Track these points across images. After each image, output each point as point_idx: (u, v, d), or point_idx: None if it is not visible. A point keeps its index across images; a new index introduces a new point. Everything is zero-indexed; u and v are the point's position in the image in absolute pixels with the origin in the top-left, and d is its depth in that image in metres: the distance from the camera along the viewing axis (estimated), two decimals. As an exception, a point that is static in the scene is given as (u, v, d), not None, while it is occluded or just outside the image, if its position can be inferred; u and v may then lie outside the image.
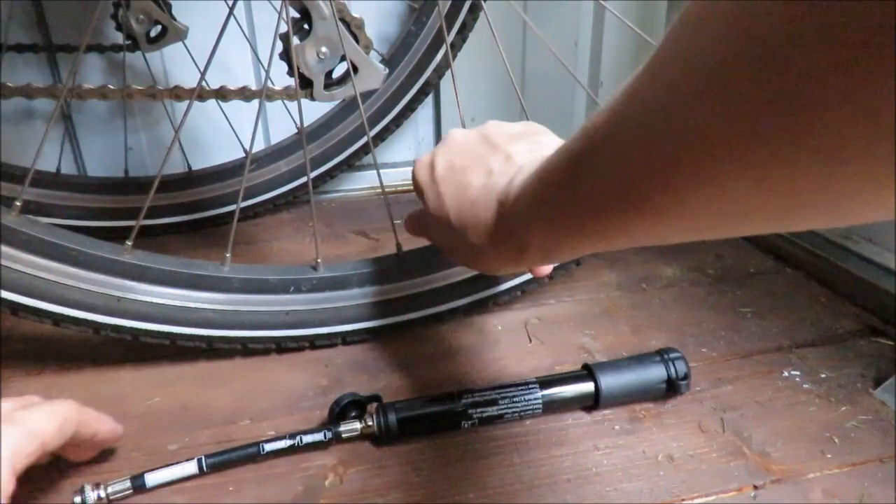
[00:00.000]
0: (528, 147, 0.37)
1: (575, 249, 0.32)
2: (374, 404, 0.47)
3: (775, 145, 0.16)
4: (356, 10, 0.51)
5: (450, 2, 0.76)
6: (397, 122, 0.85)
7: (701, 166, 0.19)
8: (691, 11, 0.18)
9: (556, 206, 0.29)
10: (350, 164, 0.87)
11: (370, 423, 0.46)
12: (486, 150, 0.38)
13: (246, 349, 0.56)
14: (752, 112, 0.16)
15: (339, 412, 0.46)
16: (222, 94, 0.56)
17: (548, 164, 0.30)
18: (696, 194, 0.20)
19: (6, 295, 0.47)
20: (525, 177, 0.33)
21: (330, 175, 0.87)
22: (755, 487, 0.43)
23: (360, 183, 0.97)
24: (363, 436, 0.46)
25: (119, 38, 0.76)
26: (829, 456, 0.45)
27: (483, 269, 0.40)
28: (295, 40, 0.51)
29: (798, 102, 0.15)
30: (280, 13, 0.49)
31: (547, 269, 0.44)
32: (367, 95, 0.82)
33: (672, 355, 0.50)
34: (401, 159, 1.00)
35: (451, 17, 0.77)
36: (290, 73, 0.52)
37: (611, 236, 0.27)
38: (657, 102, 0.20)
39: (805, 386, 0.52)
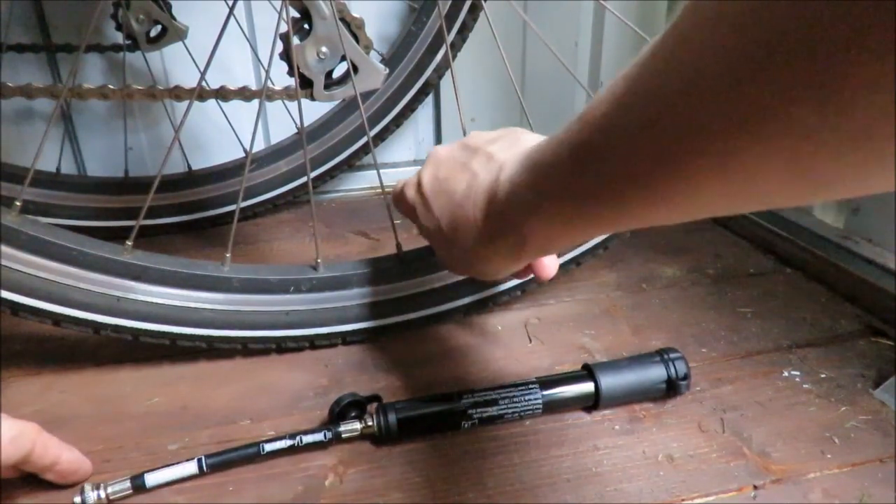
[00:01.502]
0: (507, 144, 0.37)
1: (580, 237, 0.32)
2: (374, 404, 0.47)
3: (809, 127, 0.16)
4: (356, 10, 0.51)
5: (450, 2, 0.76)
6: (397, 122, 0.85)
7: (729, 150, 0.19)
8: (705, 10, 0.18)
9: (560, 196, 0.29)
10: (350, 164, 0.87)
11: (370, 423, 0.46)
12: (466, 156, 0.38)
13: (246, 349, 0.56)
14: (788, 96, 0.16)
15: (339, 412, 0.46)
16: (222, 94, 0.56)
17: (543, 157, 0.30)
18: (720, 177, 0.20)
19: (6, 295, 0.47)
20: (513, 171, 0.33)
21: (330, 175, 0.87)
22: (755, 487, 0.43)
23: (360, 183, 0.97)
24: (363, 436, 0.46)
25: (119, 38, 0.76)
26: (829, 456, 0.45)
27: (482, 273, 0.40)
28: (295, 40, 0.51)
29: (835, 84, 0.15)
30: (280, 13, 0.49)
31: (552, 270, 0.44)
32: (367, 95, 0.82)
33: (672, 355, 0.50)
34: (401, 159, 1.00)
35: (451, 17, 0.77)
36: (290, 73, 0.52)
37: (620, 221, 0.27)
38: (676, 88, 0.20)
39: (805, 386, 0.52)
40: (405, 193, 0.43)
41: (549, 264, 0.43)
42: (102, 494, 0.41)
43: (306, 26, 0.51)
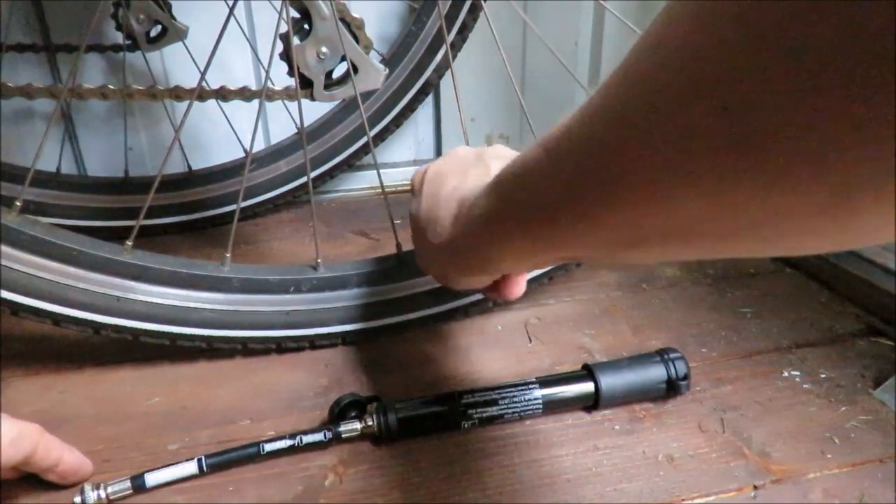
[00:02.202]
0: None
1: (515, 260, 0.33)
2: (374, 404, 0.47)
3: (729, 173, 0.17)
4: (356, 11, 0.51)
5: (450, 2, 0.76)
6: (397, 122, 0.85)
7: (654, 184, 0.19)
8: (649, 39, 0.19)
9: (498, 215, 0.30)
10: (350, 164, 0.87)
11: (370, 423, 0.46)
12: (473, 161, 0.39)
13: (246, 349, 0.56)
14: (706, 142, 0.17)
15: (339, 412, 0.46)
16: (222, 94, 0.56)
17: (497, 177, 0.31)
18: (643, 211, 0.21)
19: (6, 295, 0.47)
20: (486, 188, 0.34)
21: (330, 175, 0.87)
22: (755, 487, 0.43)
23: (360, 183, 0.97)
24: (363, 436, 0.46)
25: (119, 38, 0.76)
26: (829, 456, 0.45)
27: (438, 275, 0.41)
28: (295, 40, 0.51)
29: (753, 139, 0.15)
30: (280, 13, 0.49)
31: (517, 292, 0.42)
32: (367, 95, 0.82)
33: (672, 355, 0.50)
34: (401, 159, 1.00)
35: (451, 17, 0.77)
36: (291, 73, 0.52)
37: (551, 248, 0.28)
38: (609, 123, 0.21)
39: (805, 386, 0.52)
40: (415, 174, 0.44)
41: (515, 285, 0.42)
42: (102, 494, 0.41)
43: (306, 26, 0.51)
